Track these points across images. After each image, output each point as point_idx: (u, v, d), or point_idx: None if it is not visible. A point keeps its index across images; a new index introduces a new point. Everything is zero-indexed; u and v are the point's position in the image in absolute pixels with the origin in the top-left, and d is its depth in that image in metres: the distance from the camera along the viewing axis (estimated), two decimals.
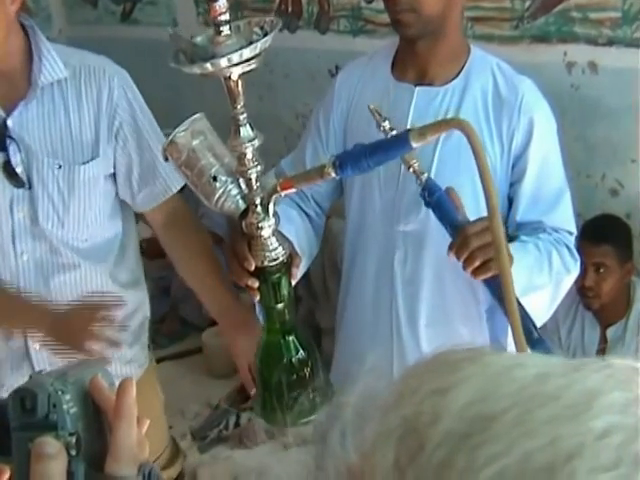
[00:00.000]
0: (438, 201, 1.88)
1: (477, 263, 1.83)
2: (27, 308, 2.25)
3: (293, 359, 1.70)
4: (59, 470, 0.85)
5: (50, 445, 0.85)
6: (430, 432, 0.59)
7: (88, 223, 2.29)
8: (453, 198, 1.91)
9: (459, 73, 2.14)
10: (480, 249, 1.81)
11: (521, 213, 2.14)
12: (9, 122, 2.15)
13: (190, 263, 2.46)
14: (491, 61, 2.16)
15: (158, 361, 3.00)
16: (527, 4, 3.66)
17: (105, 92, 2.22)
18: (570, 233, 2.19)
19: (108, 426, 0.91)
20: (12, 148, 2.16)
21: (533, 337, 1.87)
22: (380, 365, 2.04)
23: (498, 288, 1.82)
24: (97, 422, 0.92)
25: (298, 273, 1.86)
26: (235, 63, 1.43)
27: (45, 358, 2.30)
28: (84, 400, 0.91)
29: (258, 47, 1.43)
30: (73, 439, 0.87)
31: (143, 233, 4.89)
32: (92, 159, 2.23)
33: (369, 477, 0.62)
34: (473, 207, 2.06)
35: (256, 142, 1.54)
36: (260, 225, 1.62)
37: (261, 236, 1.63)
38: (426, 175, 1.89)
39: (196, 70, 1.45)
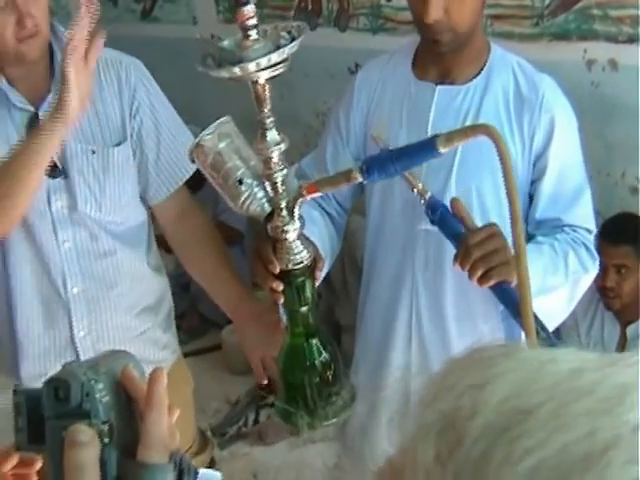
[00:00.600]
0: (441, 217, 1.90)
1: (480, 273, 1.85)
2: None
3: (316, 362, 1.71)
4: (92, 457, 0.86)
5: (83, 433, 0.87)
6: (468, 426, 0.60)
7: (123, 205, 2.34)
8: (459, 209, 1.91)
9: (480, 72, 2.14)
10: (481, 259, 1.84)
11: (541, 210, 2.14)
12: (40, 114, 2.19)
13: (201, 256, 2.50)
14: (511, 59, 2.16)
15: None
16: (547, 2, 3.66)
17: (124, 81, 2.28)
18: (589, 231, 2.18)
19: (139, 415, 0.93)
20: None
21: (540, 336, 1.88)
22: (398, 364, 2.05)
23: (504, 294, 1.85)
24: (128, 411, 0.93)
25: (321, 276, 1.87)
26: (263, 67, 1.43)
27: (90, 346, 2.37)
28: (116, 389, 0.93)
29: (286, 51, 1.44)
30: (106, 427, 0.89)
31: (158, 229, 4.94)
32: (122, 142, 2.29)
33: (410, 472, 0.62)
34: (495, 203, 2.09)
35: (282, 146, 1.55)
36: (285, 228, 1.63)
37: (286, 239, 1.64)
38: (429, 194, 1.89)
39: (224, 74, 1.45)
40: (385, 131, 2.14)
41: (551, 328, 2.17)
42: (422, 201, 1.89)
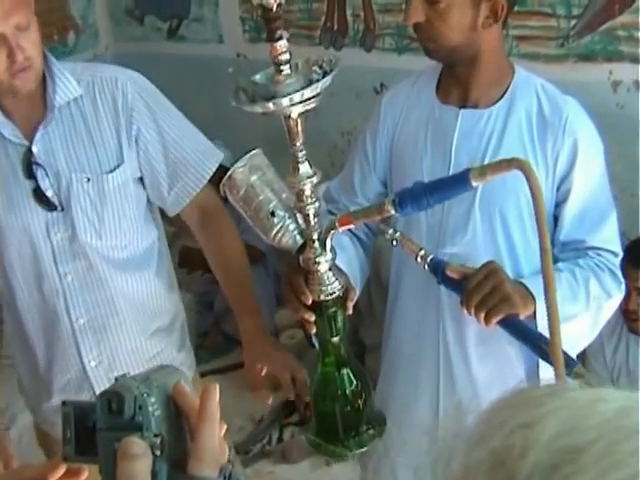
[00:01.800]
0: (443, 276, 1.93)
1: (482, 315, 1.89)
2: None
3: (347, 391, 1.72)
4: (144, 469, 0.89)
5: (137, 445, 0.90)
6: (519, 465, 0.62)
7: (124, 230, 2.33)
8: (453, 271, 1.94)
9: (503, 95, 2.13)
10: (481, 302, 1.88)
11: (565, 232, 2.13)
12: (34, 148, 2.20)
13: (221, 260, 2.48)
14: (535, 82, 2.15)
15: (202, 375, 3.04)
16: (573, 23, 3.66)
17: (120, 100, 2.25)
18: (614, 254, 2.17)
19: (188, 429, 0.96)
20: (40, 173, 2.21)
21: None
22: (426, 385, 2.05)
23: (511, 327, 1.88)
24: (178, 425, 0.96)
25: (352, 306, 1.88)
26: (296, 102, 1.45)
27: (103, 375, 2.38)
28: (167, 403, 0.95)
29: (319, 87, 1.46)
30: (158, 440, 0.92)
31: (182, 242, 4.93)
32: (118, 166, 2.26)
33: None
34: (518, 226, 2.10)
35: (315, 179, 1.56)
36: (317, 260, 1.65)
37: (318, 271, 1.66)
38: (431, 256, 1.92)
39: (258, 109, 1.47)
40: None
41: (576, 352, 2.17)
42: (425, 266, 1.91)
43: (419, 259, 1.90)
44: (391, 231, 1.87)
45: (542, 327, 1.89)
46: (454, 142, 2.13)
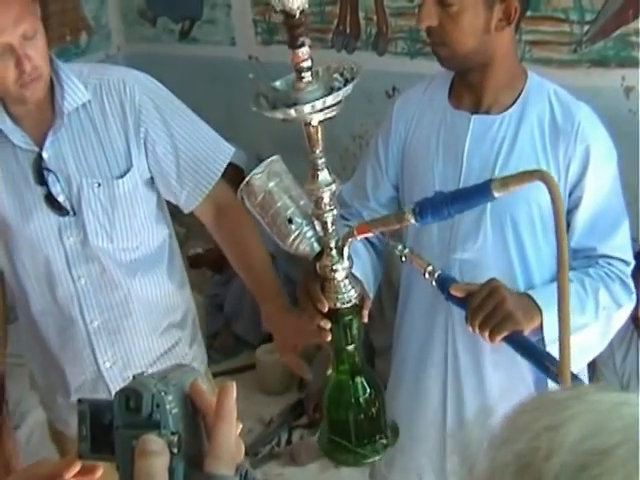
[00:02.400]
0: (449, 292, 1.94)
1: (486, 333, 1.89)
2: None
3: (361, 399, 1.72)
4: (162, 467, 0.89)
5: (155, 443, 0.90)
6: (546, 466, 0.63)
7: (136, 231, 2.35)
8: (457, 290, 1.94)
9: (516, 100, 2.13)
10: (484, 320, 1.89)
11: (576, 240, 2.12)
12: (44, 154, 2.22)
13: (240, 251, 2.48)
14: (548, 87, 2.14)
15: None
16: (586, 28, 3.66)
17: (127, 103, 2.26)
18: (626, 263, 2.17)
19: (205, 427, 0.96)
20: (51, 179, 2.22)
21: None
22: (433, 389, 2.05)
23: (515, 343, 1.88)
24: (194, 423, 0.96)
25: (367, 313, 1.88)
26: (318, 110, 1.45)
27: (117, 375, 2.40)
28: (184, 402, 0.96)
29: (341, 94, 1.45)
30: (175, 438, 0.92)
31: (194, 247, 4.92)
32: (128, 170, 2.27)
33: None
34: (529, 232, 2.11)
35: (333, 186, 1.56)
36: (334, 268, 1.64)
37: (335, 279, 1.66)
38: (438, 272, 1.92)
39: (279, 115, 1.46)
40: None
41: (586, 362, 2.17)
42: (433, 282, 1.91)
43: (427, 275, 1.91)
44: (400, 247, 1.88)
45: (549, 339, 1.91)
46: (466, 147, 2.13)
